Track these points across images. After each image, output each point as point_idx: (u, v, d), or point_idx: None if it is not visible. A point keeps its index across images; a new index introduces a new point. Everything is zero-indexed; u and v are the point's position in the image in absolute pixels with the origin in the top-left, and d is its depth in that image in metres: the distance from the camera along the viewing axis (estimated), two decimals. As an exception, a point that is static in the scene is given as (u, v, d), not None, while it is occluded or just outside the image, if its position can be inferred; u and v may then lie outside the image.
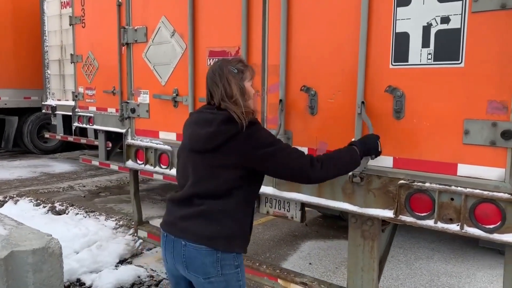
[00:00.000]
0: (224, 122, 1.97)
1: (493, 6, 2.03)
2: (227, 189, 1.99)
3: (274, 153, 1.97)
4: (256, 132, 1.99)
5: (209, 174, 2.00)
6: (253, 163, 1.98)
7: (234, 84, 2.03)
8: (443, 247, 4.93)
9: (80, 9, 6.49)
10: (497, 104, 2.07)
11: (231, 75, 2.05)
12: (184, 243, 2.00)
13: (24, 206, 5.97)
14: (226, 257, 2.00)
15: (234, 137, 1.95)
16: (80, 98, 6.93)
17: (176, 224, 2.06)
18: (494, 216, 2.12)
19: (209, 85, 2.10)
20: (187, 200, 2.05)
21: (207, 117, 2.05)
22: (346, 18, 2.51)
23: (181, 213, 2.05)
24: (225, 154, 1.97)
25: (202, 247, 1.97)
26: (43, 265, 2.82)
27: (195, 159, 2.06)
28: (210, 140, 1.98)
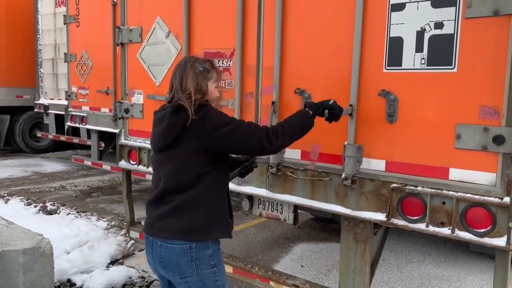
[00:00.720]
0: (173, 113, 2.01)
1: (486, 13, 2.06)
2: (194, 178, 2.01)
3: (231, 132, 2.00)
4: (209, 113, 2.01)
5: (175, 169, 2.03)
6: (213, 144, 2.00)
7: (191, 79, 2.06)
8: (434, 250, 4.96)
9: (74, 8, 6.46)
10: (489, 109, 2.09)
11: (193, 70, 2.08)
12: (160, 243, 2.04)
13: (15, 205, 5.92)
14: (201, 256, 2.02)
15: (188, 125, 1.97)
16: (73, 97, 6.89)
17: (153, 224, 2.09)
18: (485, 220, 2.14)
19: (172, 77, 2.14)
20: (160, 199, 2.08)
21: (161, 114, 2.10)
22: (340, 22, 2.53)
23: (156, 213, 2.09)
24: (185, 144, 2.00)
25: (176, 246, 2.00)
26: (33, 265, 2.80)
27: (161, 158, 2.11)
28: (166, 135, 2.03)
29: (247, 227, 5.67)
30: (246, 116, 3.01)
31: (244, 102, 3.02)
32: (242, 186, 3.06)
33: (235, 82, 3.02)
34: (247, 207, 3.23)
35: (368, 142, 2.48)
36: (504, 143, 2.05)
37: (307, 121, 2.20)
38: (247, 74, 2.99)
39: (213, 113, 2.04)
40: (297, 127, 2.17)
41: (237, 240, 5.18)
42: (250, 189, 3.02)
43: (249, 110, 3.00)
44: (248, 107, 3.00)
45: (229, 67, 3.09)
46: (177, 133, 1.99)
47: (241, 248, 4.97)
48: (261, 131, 2.05)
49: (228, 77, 3.10)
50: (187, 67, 2.09)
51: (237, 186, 3.08)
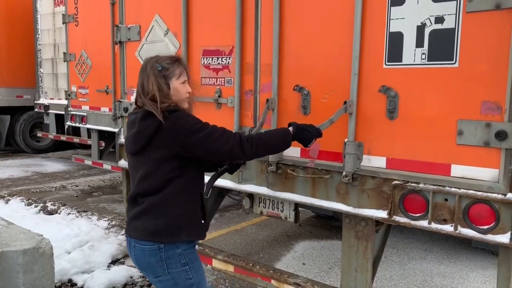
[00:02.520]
0: (144, 118, 1.98)
1: (487, 6, 2.03)
2: (164, 182, 2.00)
3: (204, 139, 1.96)
4: (180, 120, 1.96)
5: (145, 173, 2.03)
6: (185, 151, 1.98)
7: (152, 80, 1.99)
8: (436, 247, 4.94)
9: (73, 7, 6.44)
10: (491, 105, 2.06)
11: (152, 71, 2.01)
12: (133, 244, 2.07)
13: (15, 205, 5.91)
14: (170, 255, 2.02)
15: (157, 131, 1.95)
16: (73, 97, 6.87)
17: (129, 224, 2.12)
18: (488, 217, 2.12)
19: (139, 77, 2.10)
20: (133, 200, 2.10)
21: (132, 118, 2.08)
22: (339, 17, 2.50)
23: (131, 213, 2.11)
24: (155, 149, 1.98)
25: (146, 247, 2.02)
26: (33, 266, 2.78)
27: (134, 161, 2.11)
28: (137, 140, 2.01)
29: (248, 225, 5.65)
30: (246, 114, 2.99)
31: (244, 100, 2.99)
32: (242, 185, 3.04)
33: (234, 79, 3.00)
34: (247, 205, 3.21)
35: (368, 139, 2.45)
36: (506, 139, 2.03)
37: (286, 140, 2.19)
38: (246, 72, 2.96)
39: (185, 119, 1.98)
40: (274, 141, 2.16)
41: (238, 238, 5.17)
42: (250, 187, 3.00)
43: (249, 107, 2.97)
44: (247, 104, 2.98)
45: (228, 64, 3.06)
46: (147, 139, 1.97)
47: (242, 246, 4.95)
48: (234, 138, 2.03)
49: (228, 75, 3.08)
50: (147, 68, 2.03)
51: (238, 185, 3.06)
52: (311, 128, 2.26)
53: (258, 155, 2.15)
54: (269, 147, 2.16)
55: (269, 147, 2.16)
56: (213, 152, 2.01)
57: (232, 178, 3.07)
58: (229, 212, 6.18)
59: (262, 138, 2.12)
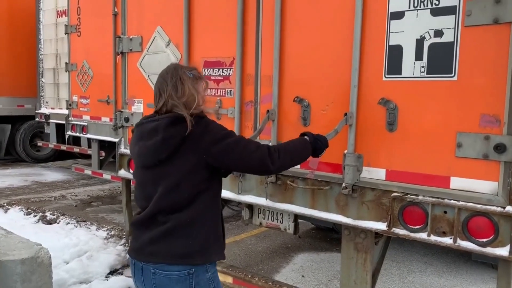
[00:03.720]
0: (171, 124, 1.82)
1: (485, 21, 2.05)
2: (191, 196, 1.84)
3: (233, 146, 1.86)
4: (209, 126, 1.87)
5: (170, 186, 1.83)
6: (213, 159, 1.85)
7: (188, 84, 1.89)
8: (436, 260, 4.91)
9: (76, 18, 6.48)
10: (489, 118, 2.08)
11: (186, 76, 1.91)
12: (153, 270, 1.85)
13: (14, 215, 5.89)
14: (200, 281, 1.86)
15: (187, 137, 1.81)
16: (74, 106, 6.89)
17: (143, 249, 1.89)
18: (487, 229, 2.12)
19: (159, 83, 1.93)
20: (150, 220, 1.88)
21: (150, 126, 1.88)
22: (340, 30, 2.52)
23: (148, 236, 1.88)
24: (182, 158, 1.82)
25: (173, 273, 1.83)
26: (32, 275, 2.77)
27: (150, 175, 1.89)
28: (161, 149, 1.83)
29: (247, 237, 5.63)
30: (246, 125, 3.00)
31: (244, 111, 3.01)
32: (242, 195, 3.04)
33: (235, 90, 3.02)
34: (247, 216, 3.20)
35: (368, 151, 2.46)
36: (505, 152, 2.04)
37: (307, 149, 2.15)
38: (246, 83, 2.98)
39: (214, 125, 1.90)
40: (298, 152, 2.10)
41: (237, 250, 5.14)
42: (250, 198, 3.00)
43: (249, 118, 2.99)
44: (248, 115, 2.99)
45: (229, 75, 3.08)
46: (174, 146, 1.81)
47: (241, 258, 4.92)
48: (263, 147, 1.94)
49: (228, 86, 3.10)
50: (179, 72, 1.91)
51: (237, 195, 3.06)
52: (323, 138, 2.23)
53: (285, 166, 2.04)
54: (294, 157, 2.08)
55: (294, 158, 2.08)
56: (242, 158, 1.88)
57: (231, 188, 3.08)
58: (228, 223, 6.16)
59: (288, 149, 2.04)
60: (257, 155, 1.90)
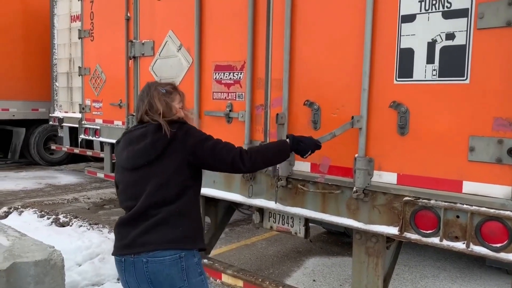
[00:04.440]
0: (159, 129, 2.07)
1: (498, 23, 2.03)
2: (179, 191, 2.07)
3: (211, 148, 2.11)
4: (191, 130, 2.13)
5: (159, 183, 2.05)
6: (195, 159, 2.09)
7: (158, 99, 2.15)
8: (449, 265, 4.85)
9: (89, 23, 6.57)
10: (503, 121, 2.05)
11: (157, 92, 2.17)
12: (145, 259, 2.00)
13: (28, 217, 5.96)
14: (190, 264, 2.04)
15: (172, 140, 2.05)
16: (87, 110, 6.97)
17: (134, 242, 2.04)
18: (500, 234, 2.09)
19: (137, 102, 2.23)
20: (140, 216, 2.06)
21: (139, 132, 2.14)
22: (350, 33, 2.52)
23: (137, 230, 2.05)
24: (169, 158, 2.06)
25: (166, 258, 2.00)
26: (45, 277, 2.80)
27: (139, 175, 2.10)
28: (151, 150, 2.06)
29: (258, 240, 5.62)
30: (256, 128, 3.00)
31: (254, 114, 3.02)
32: (252, 199, 3.04)
33: (246, 94, 3.03)
34: (257, 220, 3.20)
35: (379, 155, 2.45)
36: (519, 156, 2.00)
37: (283, 151, 2.33)
38: (257, 87, 2.99)
39: (194, 130, 2.16)
40: (271, 153, 2.29)
41: (248, 253, 5.14)
42: (260, 201, 3.00)
43: (259, 122, 2.99)
44: (258, 119, 3.00)
45: (240, 79, 3.09)
46: (162, 148, 2.05)
47: (252, 261, 4.92)
48: (235, 149, 2.16)
49: (239, 90, 3.11)
50: (151, 90, 2.18)
51: (248, 199, 3.06)
52: (308, 140, 2.37)
53: (257, 166, 2.26)
54: (267, 158, 2.28)
55: (267, 159, 2.28)
56: (218, 160, 2.13)
57: (242, 192, 3.08)
58: (239, 226, 6.16)
59: (261, 150, 2.26)
60: (230, 157, 2.13)
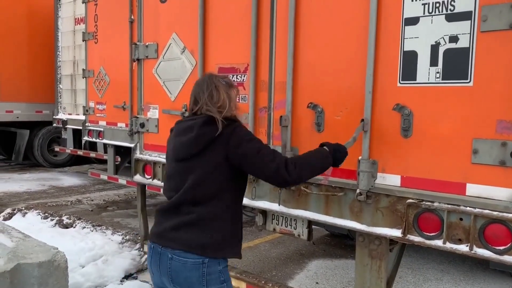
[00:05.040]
0: (205, 124, 2.03)
1: (502, 26, 2.03)
2: (215, 192, 2.02)
3: (253, 152, 2.01)
4: (237, 129, 2.06)
5: (196, 180, 2.02)
6: (234, 159, 2.01)
7: (222, 90, 2.11)
8: (452, 268, 4.84)
9: (93, 26, 6.60)
10: (506, 124, 2.05)
11: (220, 84, 2.13)
12: (170, 256, 2.00)
13: (32, 218, 5.98)
14: (212, 271, 1.99)
15: (217, 137, 2.00)
16: (91, 112, 6.99)
17: (164, 235, 2.05)
18: (504, 237, 2.08)
19: (195, 92, 2.15)
20: (175, 209, 2.06)
21: (187, 124, 2.10)
22: (353, 36, 2.52)
23: (170, 223, 2.05)
24: (211, 155, 2.01)
25: (188, 260, 1.97)
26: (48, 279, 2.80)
27: (181, 167, 2.09)
28: (194, 144, 2.03)
29: (261, 243, 5.62)
30: (260, 131, 3.01)
31: (258, 117, 3.02)
32: (255, 201, 3.04)
33: (249, 96, 3.03)
34: (260, 222, 3.21)
35: (382, 157, 2.45)
36: (523, 158, 2.00)
37: (327, 161, 2.20)
38: (260, 89, 3.00)
39: (241, 129, 2.08)
40: (317, 164, 2.17)
41: (251, 255, 5.14)
42: (263, 203, 3.00)
43: (262, 124, 3.00)
44: (262, 121, 3.00)
45: (243, 82, 3.10)
46: (205, 143, 2.01)
47: (255, 263, 4.92)
48: (280, 158, 2.05)
49: (242, 92, 3.12)
50: (213, 81, 2.13)
51: (251, 201, 3.06)
52: (342, 148, 2.28)
53: (303, 177, 2.13)
54: (312, 169, 2.15)
55: (312, 170, 2.15)
56: (260, 166, 2.02)
57: (245, 194, 3.08)
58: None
59: (306, 160, 2.13)
60: (274, 165, 2.01)
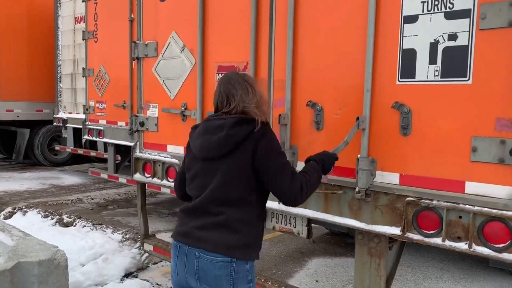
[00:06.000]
0: (237, 124, 1.98)
1: (501, 24, 2.03)
2: (244, 193, 2.00)
3: (278, 169, 1.98)
4: (268, 134, 2.02)
5: (225, 180, 1.99)
6: (258, 163, 1.97)
7: (256, 86, 2.09)
8: (452, 266, 4.84)
9: (93, 24, 6.60)
10: (505, 122, 2.05)
11: (251, 80, 2.12)
12: (198, 254, 1.98)
13: (32, 217, 5.99)
14: (240, 270, 1.98)
15: (247, 137, 1.96)
16: (91, 111, 7.00)
17: (191, 234, 2.03)
18: (503, 235, 2.08)
19: (224, 91, 2.08)
20: (202, 209, 2.03)
21: (217, 123, 2.03)
22: (352, 34, 2.52)
23: (197, 223, 2.03)
24: (240, 155, 1.97)
25: (217, 259, 1.95)
26: (48, 277, 2.81)
27: (208, 166, 2.04)
28: (223, 144, 1.97)
29: (261, 241, 5.63)
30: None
31: (257, 115, 3.02)
32: (255, 199, 3.04)
33: (248, 95, 3.03)
34: (260, 220, 3.20)
35: (381, 155, 2.45)
36: (521, 156, 2.00)
37: (320, 176, 2.21)
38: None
39: (272, 135, 2.04)
40: (316, 184, 2.17)
41: (251, 254, 5.14)
42: (263, 202, 3.00)
43: (262, 123, 3.00)
44: (261, 120, 3.00)
45: (243, 80, 3.10)
46: (235, 144, 1.96)
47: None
48: (297, 181, 2.01)
49: (242, 90, 3.11)
50: (244, 77, 2.10)
51: (250, 199, 3.06)
52: (326, 156, 2.28)
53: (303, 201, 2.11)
54: (314, 189, 2.15)
55: (313, 189, 2.15)
56: (278, 183, 1.99)
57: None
58: (242, 227, 6.17)
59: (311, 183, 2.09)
60: (291, 189, 1.99)
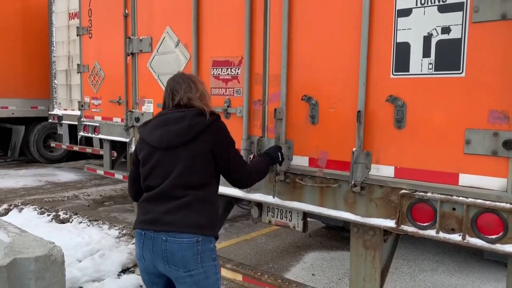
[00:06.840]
0: (198, 115, 2.17)
1: (493, 17, 2.05)
2: (205, 178, 2.17)
3: (232, 155, 2.24)
4: (223, 126, 2.26)
5: (188, 165, 2.13)
6: (217, 150, 2.18)
7: (198, 83, 2.28)
8: (447, 259, 4.88)
9: (87, 20, 6.58)
10: (498, 114, 2.07)
11: (195, 79, 2.32)
12: (165, 238, 2.08)
13: (28, 214, 5.98)
14: (205, 249, 2.11)
15: (207, 127, 2.15)
16: (86, 107, 6.99)
17: (159, 219, 2.12)
18: (496, 226, 2.11)
19: (169, 88, 2.28)
20: (167, 195, 2.14)
21: (177, 115, 2.19)
22: (347, 28, 2.53)
23: (164, 207, 2.13)
24: (201, 143, 2.14)
25: (184, 239, 2.07)
26: (45, 273, 2.82)
27: (168, 156, 2.16)
28: (186, 133, 2.13)
29: (257, 236, 5.65)
30: (254, 124, 3.02)
31: (252, 110, 3.03)
32: (251, 194, 3.06)
33: (243, 89, 3.04)
34: (256, 214, 3.22)
35: (376, 148, 2.47)
36: (514, 148, 2.02)
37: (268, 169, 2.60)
38: (255, 82, 3.00)
39: (226, 129, 2.27)
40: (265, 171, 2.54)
41: (247, 248, 5.17)
42: (259, 196, 3.02)
43: (257, 117, 3.01)
44: (256, 114, 3.01)
45: (237, 75, 3.11)
46: (196, 133, 2.12)
47: (252, 256, 4.95)
48: (248, 167, 2.36)
49: (237, 85, 3.12)
50: (188, 76, 2.30)
51: (246, 194, 3.08)
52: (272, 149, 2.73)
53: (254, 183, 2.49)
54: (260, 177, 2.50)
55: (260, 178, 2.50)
56: (234, 167, 2.26)
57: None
58: (238, 222, 6.19)
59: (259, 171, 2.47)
60: (243, 171, 2.31)
